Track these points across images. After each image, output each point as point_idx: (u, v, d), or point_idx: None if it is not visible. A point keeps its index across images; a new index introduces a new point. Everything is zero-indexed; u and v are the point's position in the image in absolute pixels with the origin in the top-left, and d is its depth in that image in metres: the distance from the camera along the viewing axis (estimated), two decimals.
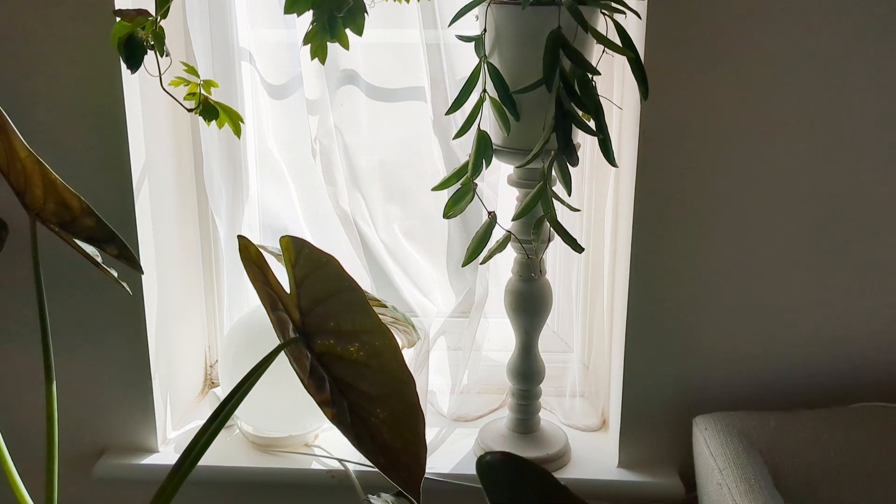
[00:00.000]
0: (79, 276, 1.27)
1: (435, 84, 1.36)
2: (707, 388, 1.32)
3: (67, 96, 1.23)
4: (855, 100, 1.20)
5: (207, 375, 1.59)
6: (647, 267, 1.27)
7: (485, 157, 1.18)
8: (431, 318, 1.46)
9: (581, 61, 1.09)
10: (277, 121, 1.48)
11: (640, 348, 1.30)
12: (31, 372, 1.34)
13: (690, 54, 1.18)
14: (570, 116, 1.10)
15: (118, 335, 1.33)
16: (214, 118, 0.96)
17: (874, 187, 1.24)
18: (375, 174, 1.46)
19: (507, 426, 1.38)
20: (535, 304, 1.29)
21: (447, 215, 1.20)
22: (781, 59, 1.19)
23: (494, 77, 1.14)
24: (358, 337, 0.87)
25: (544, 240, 1.24)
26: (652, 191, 1.23)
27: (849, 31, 1.17)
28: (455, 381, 1.49)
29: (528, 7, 1.08)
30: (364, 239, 1.44)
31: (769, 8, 1.16)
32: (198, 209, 1.51)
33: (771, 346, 1.30)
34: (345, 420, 0.91)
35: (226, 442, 1.41)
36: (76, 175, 1.17)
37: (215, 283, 1.55)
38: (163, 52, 0.88)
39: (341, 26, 0.84)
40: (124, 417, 1.37)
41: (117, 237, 0.91)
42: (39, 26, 1.20)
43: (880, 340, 1.30)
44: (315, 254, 0.86)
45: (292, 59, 1.42)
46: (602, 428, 1.47)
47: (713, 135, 1.22)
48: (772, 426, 1.19)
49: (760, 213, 1.25)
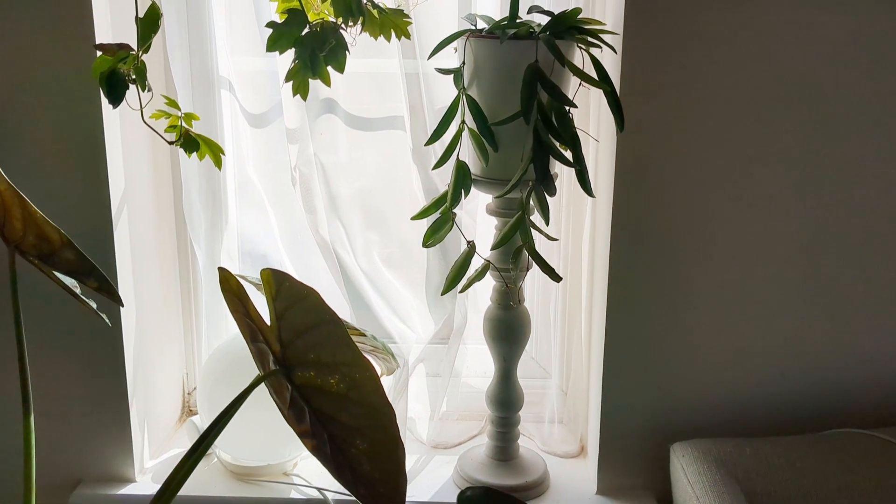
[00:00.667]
0: (55, 303, 1.26)
1: (414, 113, 1.37)
2: (684, 414, 1.33)
3: (47, 128, 1.23)
4: (835, 137, 1.23)
5: (185, 403, 1.58)
6: (623, 295, 1.28)
7: (464, 186, 1.19)
8: (410, 345, 1.46)
9: (558, 94, 1.10)
10: (257, 149, 1.48)
11: (617, 375, 1.31)
12: (6, 402, 1.33)
13: (665, 87, 1.20)
14: (547, 148, 1.12)
15: (95, 363, 1.32)
16: (195, 150, 0.97)
17: (848, 222, 1.26)
18: (355, 202, 1.47)
19: (487, 454, 1.39)
20: (513, 332, 1.30)
21: (426, 244, 1.22)
22: (757, 94, 1.21)
23: (473, 109, 1.15)
24: (338, 369, 0.88)
25: (523, 268, 1.25)
26: (628, 221, 1.25)
27: (825, 74, 1.20)
28: (434, 408, 1.50)
29: (507, 41, 1.10)
30: (343, 266, 1.44)
31: (742, 45, 1.19)
32: (176, 236, 1.51)
33: (747, 373, 1.32)
34: (325, 451, 0.91)
35: (204, 471, 1.40)
36: (55, 205, 1.17)
37: (193, 310, 1.55)
38: (145, 86, 0.89)
39: (323, 64, 0.85)
40: (101, 447, 1.36)
41: (97, 270, 0.91)
42: (19, 58, 1.20)
43: (854, 369, 1.32)
44: (296, 287, 0.86)
45: (272, 87, 1.43)
46: (581, 454, 1.47)
47: (689, 166, 1.24)
48: (748, 453, 1.20)
49: (736, 243, 1.27)
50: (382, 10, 0.90)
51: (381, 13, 0.89)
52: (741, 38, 1.19)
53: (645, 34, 1.18)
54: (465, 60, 1.16)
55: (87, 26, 1.17)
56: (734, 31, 1.18)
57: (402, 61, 1.34)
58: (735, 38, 1.19)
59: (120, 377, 1.32)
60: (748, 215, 1.26)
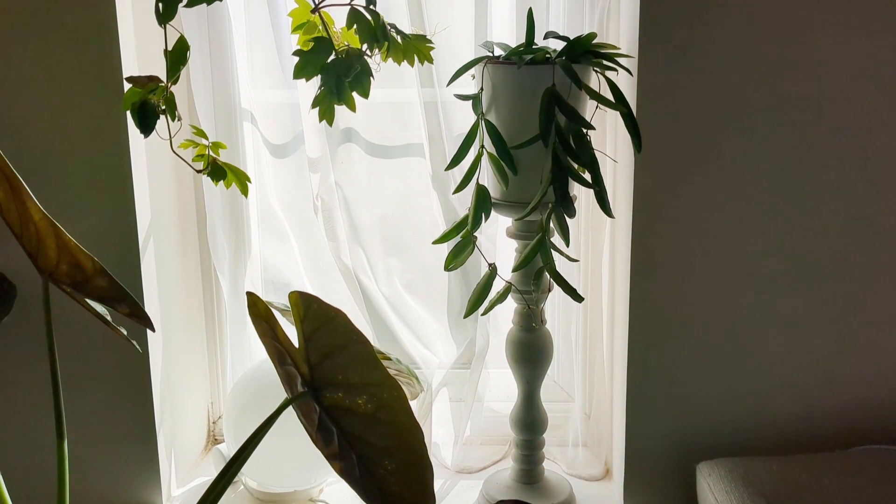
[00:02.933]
0: (85, 335, 1.28)
1: (433, 140, 1.39)
2: (709, 434, 1.33)
3: (75, 158, 1.26)
4: (858, 160, 1.24)
5: (211, 431, 1.59)
6: (645, 315, 1.29)
7: (484, 210, 1.21)
8: (433, 370, 1.47)
9: (576, 117, 1.12)
10: (279, 179, 1.51)
11: (640, 396, 1.32)
12: (38, 431, 1.34)
13: (681, 107, 1.22)
14: (566, 170, 1.14)
15: (124, 393, 1.33)
16: (222, 179, 0.99)
17: (872, 241, 1.27)
18: (376, 229, 1.49)
19: (512, 477, 1.39)
20: (536, 354, 1.31)
21: (448, 268, 1.23)
22: (772, 113, 1.22)
23: (492, 133, 1.17)
24: (366, 390, 0.88)
25: (544, 290, 1.26)
26: (648, 241, 1.26)
27: (841, 92, 1.22)
28: (458, 433, 1.50)
29: (524, 66, 1.13)
30: (366, 292, 1.46)
31: (751, 62, 1.21)
32: (201, 266, 1.53)
33: (772, 390, 1.32)
34: (353, 473, 0.92)
35: (231, 498, 1.40)
36: (84, 235, 1.20)
37: (218, 339, 1.57)
38: (174, 116, 0.91)
39: (348, 90, 0.87)
40: (129, 475, 1.37)
41: (129, 296, 0.93)
42: (49, 92, 1.24)
43: (880, 384, 1.32)
44: (323, 308, 0.87)
45: (293, 119, 1.46)
46: (606, 477, 1.47)
47: (707, 186, 1.25)
48: (774, 471, 1.19)
49: (753, 262, 1.27)
50: (406, 35, 0.93)
51: (405, 38, 0.92)
52: (756, 56, 1.20)
53: (659, 56, 1.20)
54: (483, 86, 1.18)
55: (115, 61, 1.21)
56: (747, 52, 1.20)
57: (420, 90, 1.37)
58: (749, 58, 1.20)
59: (147, 406, 1.33)
60: (771, 231, 1.26)
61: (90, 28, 1.20)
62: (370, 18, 0.85)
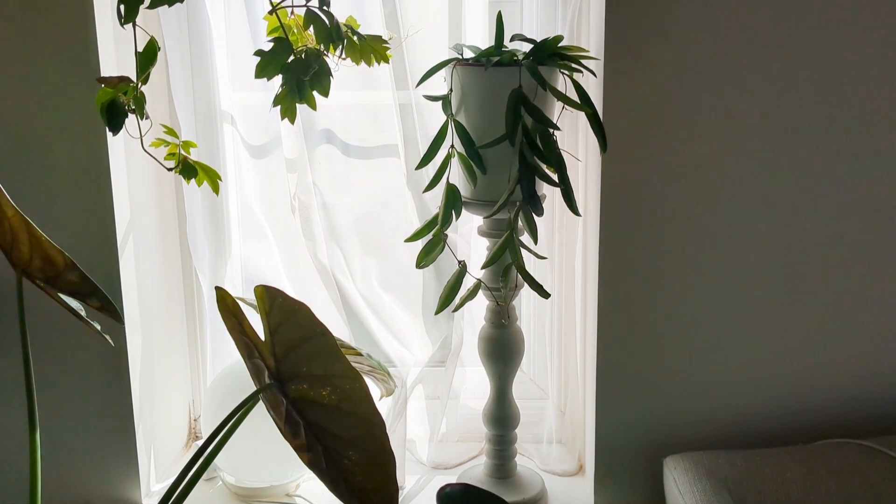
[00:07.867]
0: (62, 330, 1.30)
1: (408, 141, 1.42)
2: (680, 430, 1.35)
3: (54, 157, 1.28)
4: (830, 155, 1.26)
5: (192, 429, 1.61)
6: (614, 313, 1.31)
7: (454, 208, 1.23)
8: (409, 368, 1.49)
9: (541, 117, 1.15)
10: (258, 179, 1.53)
11: (610, 393, 1.34)
12: (12, 425, 1.36)
13: (646, 107, 1.25)
14: (533, 169, 1.16)
15: (101, 389, 1.35)
16: (193, 176, 1.01)
17: (835, 239, 1.29)
18: (353, 228, 1.51)
19: (485, 472, 1.41)
20: (507, 350, 1.33)
21: (420, 265, 1.25)
22: (736, 113, 1.25)
23: (461, 133, 1.20)
24: (329, 381, 0.91)
25: (513, 287, 1.29)
26: (615, 239, 1.28)
27: (810, 92, 1.24)
28: (433, 430, 1.52)
29: (491, 68, 1.15)
30: (342, 291, 1.48)
31: (717, 64, 1.23)
32: (181, 265, 1.55)
33: (736, 386, 1.34)
34: (320, 464, 0.94)
35: (209, 493, 1.42)
36: (63, 233, 1.22)
37: (198, 338, 1.59)
38: (143, 115, 0.94)
39: (308, 88, 0.90)
40: (108, 470, 1.39)
41: (99, 290, 0.95)
42: (28, 91, 1.26)
43: (846, 380, 1.34)
44: (288, 302, 0.90)
45: (271, 120, 1.48)
46: (579, 472, 1.49)
47: (673, 185, 1.27)
48: (738, 464, 1.22)
49: (723, 261, 1.30)
50: (362, 36, 0.95)
51: (361, 39, 0.94)
52: (718, 59, 1.23)
53: (624, 58, 1.22)
54: (452, 88, 1.21)
55: (93, 62, 1.23)
56: (711, 53, 1.22)
57: (395, 92, 1.39)
58: (712, 59, 1.23)
59: (125, 401, 1.35)
60: (735, 232, 1.29)
61: (68, 27, 1.22)
62: (325, 19, 0.88)
